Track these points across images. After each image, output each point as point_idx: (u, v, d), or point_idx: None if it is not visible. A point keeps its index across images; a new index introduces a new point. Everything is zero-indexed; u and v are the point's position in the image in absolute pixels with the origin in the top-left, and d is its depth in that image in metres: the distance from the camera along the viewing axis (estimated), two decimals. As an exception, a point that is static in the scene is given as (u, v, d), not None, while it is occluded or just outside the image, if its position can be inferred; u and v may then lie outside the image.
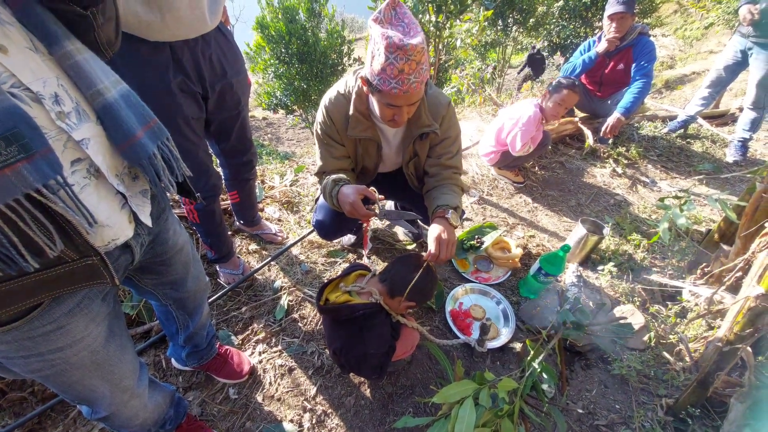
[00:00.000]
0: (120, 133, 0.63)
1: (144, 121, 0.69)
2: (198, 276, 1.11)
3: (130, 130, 0.64)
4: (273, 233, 2.12)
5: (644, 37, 2.78)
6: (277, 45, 5.65)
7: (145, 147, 0.67)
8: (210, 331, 1.36)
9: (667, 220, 1.43)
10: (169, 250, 0.92)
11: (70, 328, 0.69)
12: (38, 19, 0.54)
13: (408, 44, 1.03)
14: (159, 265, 0.93)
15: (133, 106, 0.67)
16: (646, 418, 1.38)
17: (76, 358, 0.73)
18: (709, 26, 7.28)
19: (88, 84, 0.60)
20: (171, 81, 1.18)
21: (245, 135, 1.61)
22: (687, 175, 3.01)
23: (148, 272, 0.93)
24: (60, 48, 0.56)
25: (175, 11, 1.08)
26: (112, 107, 0.62)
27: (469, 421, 1.04)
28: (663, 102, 5.00)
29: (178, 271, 1.00)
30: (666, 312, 1.71)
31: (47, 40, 0.55)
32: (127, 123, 0.64)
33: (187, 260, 1.02)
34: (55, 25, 0.56)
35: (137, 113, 0.68)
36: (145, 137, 0.67)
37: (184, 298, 1.09)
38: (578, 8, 5.71)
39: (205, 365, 1.42)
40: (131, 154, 0.65)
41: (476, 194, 2.64)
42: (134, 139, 0.65)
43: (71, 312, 0.68)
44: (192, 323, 1.20)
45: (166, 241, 0.90)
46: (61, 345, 0.69)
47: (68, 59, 0.57)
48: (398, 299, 1.23)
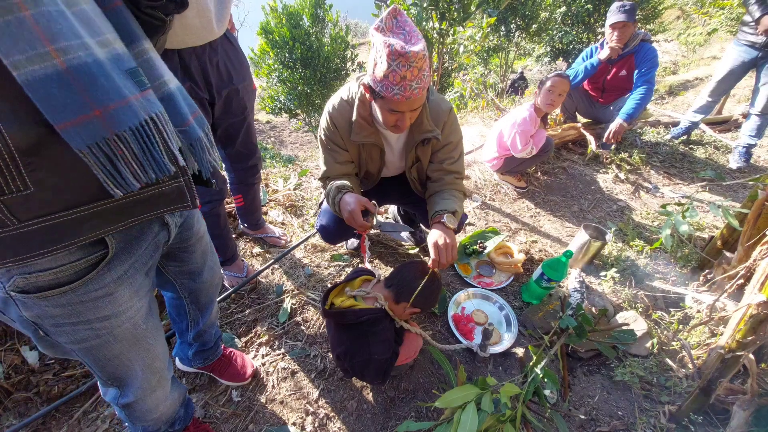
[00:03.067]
0: (179, 116, 0.72)
1: (192, 110, 0.77)
2: (213, 267, 1.15)
3: (185, 115, 0.73)
4: (277, 236, 2.14)
5: (646, 43, 2.79)
6: (281, 50, 5.70)
7: (196, 130, 0.75)
8: (217, 332, 1.38)
9: (669, 227, 1.44)
10: (192, 236, 0.98)
11: (117, 296, 0.75)
12: (125, 20, 0.64)
13: (410, 51, 1.05)
14: (183, 252, 0.99)
15: (185, 98, 0.76)
16: (649, 424, 1.38)
17: (119, 329, 0.78)
18: (712, 32, 7.30)
19: (158, 75, 0.69)
20: None
21: (251, 140, 1.63)
22: (690, 182, 3.01)
23: (173, 258, 0.99)
24: (139, 45, 0.66)
25: (184, 19, 1.11)
26: (174, 95, 0.71)
27: (471, 426, 1.04)
28: (666, 108, 5.01)
29: (197, 260, 1.05)
30: (669, 318, 1.71)
31: (129, 37, 0.64)
32: (183, 109, 0.73)
33: (206, 249, 1.08)
34: (136, 26, 0.66)
35: (188, 104, 0.77)
36: (194, 123, 0.76)
37: (198, 289, 1.13)
38: (581, 14, 5.74)
39: (210, 366, 1.43)
40: (187, 134, 0.74)
41: (479, 199, 2.65)
42: (188, 122, 0.74)
43: (120, 279, 0.74)
44: (202, 319, 1.23)
45: (192, 227, 0.96)
46: (108, 313, 0.74)
47: (144, 54, 0.66)
48: (403, 305, 1.24)
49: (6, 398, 1.38)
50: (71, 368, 1.48)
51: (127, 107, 0.54)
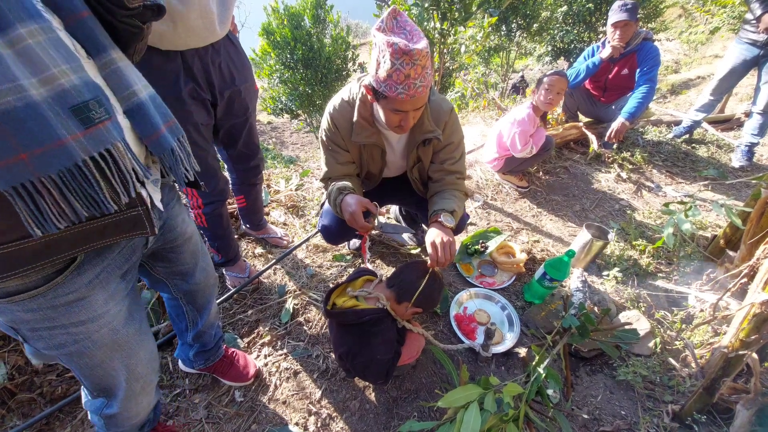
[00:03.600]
0: (149, 127, 0.72)
1: (166, 119, 0.78)
2: (206, 268, 1.15)
3: (156, 125, 0.73)
4: (278, 237, 2.15)
5: (648, 42, 2.78)
6: (282, 51, 5.71)
7: (168, 140, 0.76)
8: (217, 332, 1.38)
9: (671, 226, 1.43)
10: (178, 237, 0.98)
11: (90, 301, 0.74)
12: (90, 32, 0.64)
13: (413, 49, 1.05)
14: (169, 252, 0.99)
15: (158, 106, 0.77)
16: (652, 424, 1.38)
17: (97, 334, 0.78)
18: (714, 30, 7.26)
19: (127, 85, 0.69)
20: (182, 88, 1.21)
21: (253, 141, 1.64)
22: (692, 180, 3.00)
23: (160, 259, 1.00)
24: (106, 55, 0.66)
25: (187, 21, 1.11)
26: (144, 105, 0.71)
27: (474, 426, 1.04)
28: (668, 107, 5.00)
29: (187, 260, 1.05)
30: (671, 318, 1.70)
31: (96, 48, 0.65)
32: (154, 119, 0.73)
33: (196, 250, 1.08)
34: (103, 36, 0.67)
35: (161, 112, 0.77)
36: (167, 132, 0.76)
37: (193, 290, 1.13)
38: (582, 13, 5.72)
39: (212, 367, 1.43)
40: (157, 145, 0.74)
41: (480, 199, 2.65)
42: (159, 132, 0.74)
43: (91, 283, 0.74)
44: (201, 320, 1.23)
45: (175, 228, 0.96)
46: (83, 318, 0.74)
47: (112, 64, 0.67)
48: (405, 305, 1.25)
49: (10, 399, 1.38)
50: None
51: (59, 150, 0.54)
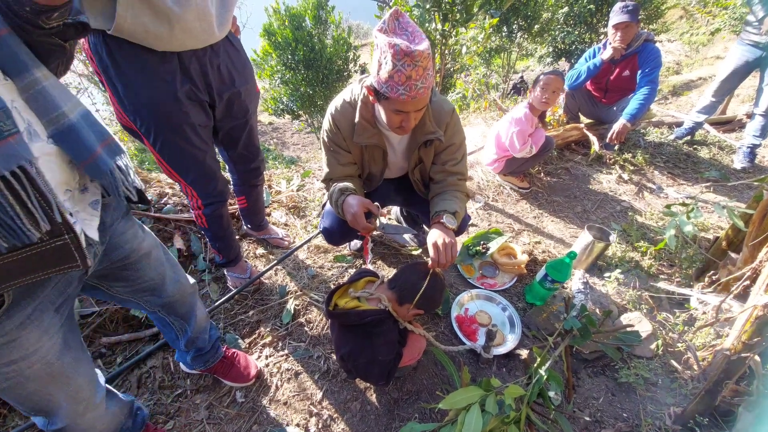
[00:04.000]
0: (82, 151, 0.68)
1: (102, 138, 0.73)
2: (179, 279, 1.11)
3: (91, 147, 0.69)
4: (280, 238, 2.14)
5: (650, 43, 2.78)
6: (283, 51, 5.71)
7: (106, 162, 0.71)
8: (213, 334, 1.36)
9: (673, 227, 1.43)
10: (129, 255, 0.92)
11: (22, 341, 0.71)
12: (10, 51, 0.59)
13: (415, 50, 1.05)
14: (123, 271, 0.93)
15: (92, 125, 0.72)
16: (654, 426, 1.38)
17: (30, 370, 0.75)
18: (715, 32, 7.25)
19: (54, 106, 0.64)
20: (178, 89, 1.20)
21: (253, 143, 1.64)
22: (694, 182, 2.99)
23: (114, 280, 0.94)
24: (29, 75, 0.61)
25: (183, 23, 1.10)
26: (75, 127, 0.67)
27: (475, 428, 1.04)
28: (669, 108, 4.99)
29: (151, 276, 1.00)
30: (674, 320, 1.70)
31: (16, 69, 0.60)
32: (88, 140, 0.69)
33: (158, 265, 1.02)
34: (26, 56, 0.62)
35: (96, 131, 0.72)
36: (104, 153, 0.72)
37: (170, 303, 1.09)
38: (583, 14, 5.71)
39: (212, 368, 1.43)
40: (93, 169, 0.69)
41: (481, 200, 2.65)
42: (95, 155, 0.69)
43: (22, 325, 0.70)
44: (189, 328, 1.21)
45: (121, 246, 0.90)
46: (14, 358, 0.71)
47: (36, 85, 0.62)
48: (407, 306, 1.24)
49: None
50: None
51: None
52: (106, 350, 1.58)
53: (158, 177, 2.39)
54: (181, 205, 2.17)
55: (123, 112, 1.20)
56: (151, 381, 1.48)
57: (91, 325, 1.59)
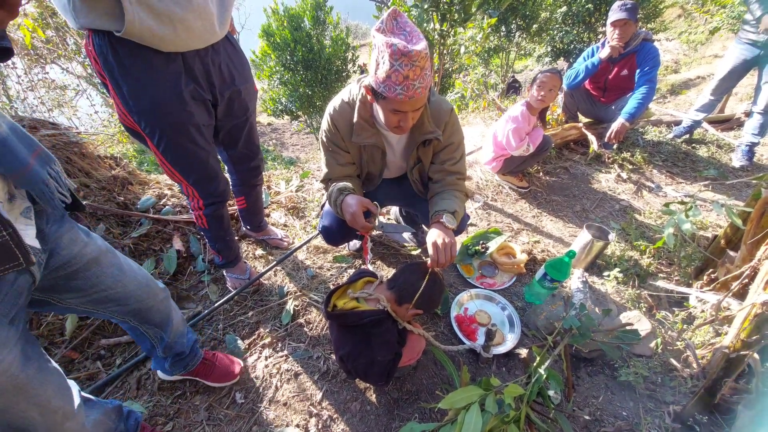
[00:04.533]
0: (14, 163, 0.67)
1: (32, 148, 0.72)
2: (146, 284, 1.06)
3: (23, 159, 0.68)
4: (279, 238, 2.15)
5: (648, 43, 2.79)
6: (282, 52, 5.72)
7: (38, 173, 0.71)
8: (190, 337, 1.34)
9: (672, 226, 1.43)
10: (71, 262, 0.87)
11: None
12: None
13: (412, 50, 1.05)
14: (70, 281, 0.88)
15: (21, 137, 0.71)
16: (653, 425, 1.38)
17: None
18: (713, 31, 7.27)
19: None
20: (183, 89, 1.21)
21: (253, 141, 1.64)
22: (692, 181, 3.00)
23: (63, 291, 0.89)
24: None
25: (186, 23, 1.11)
26: (6, 140, 0.66)
27: (475, 427, 1.04)
28: (668, 107, 5.00)
29: (107, 284, 0.95)
30: (673, 318, 1.70)
31: None
32: (20, 153, 0.68)
33: (113, 272, 0.96)
34: None
35: (26, 143, 0.71)
36: (36, 164, 0.71)
37: (140, 310, 1.05)
38: (581, 14, 5.73)
39: (193, 371, 1.41)
40: (25, 181, 0.69)
41: (481, 200, 2.65)
42: (28, 167, 0.69)
43: None
44: (165, 335, 1.18)
45: (58, 253, 0.85)
46: None
47: None
48: (406, 307, 1.24)
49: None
50: (75, 371, 1.49)
51: None
52: (105, 352, 1.58)
53: (157, 178, 2.39)
54: (180, 206, 2.17)
55: (128, 114, 1.21)
56: (151, 382, 1.48)
57: (90, 327, 1.58)
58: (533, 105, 2.35)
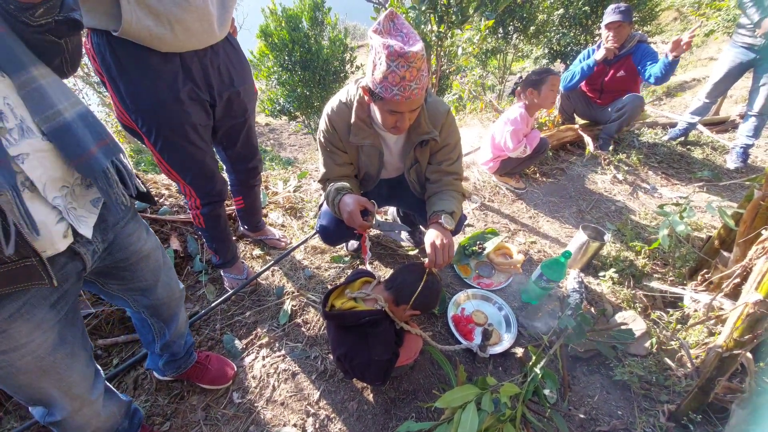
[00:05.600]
0: (75, 149, 0.69)
1: (99, 138, 0.74)
2: (169, 283, 1.12)
3: (85, 146, 0.70)
4: (276, 238, 2.15)
5: (643, 44, 2.81)
6: (280, 53, 5.72)
7: (99, 161, 0.72)
8: (188, 340, 1.36)
9: (666, 227, 1.45)
10: (131, 256, 0.94)
11: (11, 333, 0.72)
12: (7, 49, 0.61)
13: (409, 52, 1.06)
14: (122, 271, 0.95)
15: (89, 125, 0.73)
16: (648, 424, 1.39)
17: (21, 362, 0.76)
18: (709, 33, 7.33)
19: (50, 104, 0.66)
20: (180, 90, 1.21)
21: (251, 142, 1.64)
22: (688, 182, 3.02)
23: (112, 278, 0.96)
24: (26, 73, 0.63)
25: (185, 24, 1.12)
26: (70, 126, 0.68)
27: (471, 426, 1.05)
28: (663, 109, 5.03)
29: (146, 277, 1.02)
30: (667, 318, 1.72)
31: (13, 66, 0.62)
32: (82, 140, 0.70)
33: (156, 267, 1.04)
34: (23, 54, 0.63)
35: (93, 131, 0.73)
36: (99, 153, 0.73)
37: (156, 305, 1.10)
38: (578, 16, 5.76)
39: (185, 374, 1.42)
40: (85, 167, 0.70)
41: (478, 200, 2.66)
42: (89, 154, 0.70)
43: (11, 317, 0.71)
44: (168, 331, 1.21)
45: (127, 248, 0.93)
46: (4, 348, 0.73)
47: (33, 82, 0.64)
48: (403, 307, 1.25)
49: (7, 401, 1.38)
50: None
51: None
52: (102, 352, 1.57)
53: (154, 178, 2.39)
54: (178, 206, 2.17)
55: (125, 112, 1.21)
56: (148, 382, 1.48)
57: (87, 327, 1.58)
58: (543, 107, 2.36)
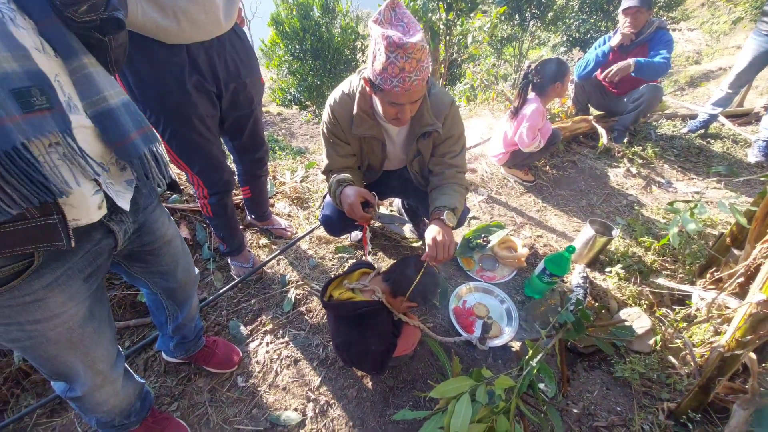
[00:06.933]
0: (117, 133, 0.73)
1: (139, 126, 0.78)
2: (188, 268, 1.17)
3: (126, 131, 0.74)
4: (283, 228, 2.18)
5: (662, 30, 2.70)
6: (291, 41, 5.71)
7: (137, 147, 0.77)
8: (198, 324, 1.41)
9: (676, 225, 1.41)
10: (156, 240, 0.99)
11: (47, 302, 0.75)
12: (62, 36, 0.66)
13: (408, 43, 1.05)
14: (147, 255, 1.01)
15: (131, 113, 0.77)
16: (647, 421, 1.38)
17: (52, 333, 0.79)
18: (736, 21, 6.98)
19: (97, 90, 0.71)
20: (187, 81, 1.23)
21: (258, 133, 1.66)
22: (705, 176, 2.92)
23: (137, 260, 1.01)
24: (77, 60, 0.68)
25: (190, 15, 1.13)
26: (113, 111, 0.72)
27: (464, 416, 1.06)
28: (685, 99, 4.85)
29: (167, 262, 1.07)
30: (673, 316, 1.69)
31: (67, 52, 0.67)
32: (124, 126, 0.74)
33: (176, 252, 1.10)
34: (75, 43, 0.69)
35: (134, 119, 0.77)
36: (138, 139, 0.77)
37: (173, 288, 1.15)
38: (599, 1, 5.56)
39: (193, 356, 1.47)
40: (124, 152, 0.75)
41: (485, 193, 2.64)
42: (128, 139, 0.75)
43: (50, 286, 0.74)
44: (181, 314, 1.26)
45: (154, 232, 0.98)
46: (38, 317, 0.75)
47: (83, 69, 0.69)
48: (400, 299, 1.27)
49: (24, 379, 1.46)
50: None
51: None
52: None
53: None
54: (187, 195, 2.22)
55: (133, 103, 1.25)
56: (157, 364, 1.54)
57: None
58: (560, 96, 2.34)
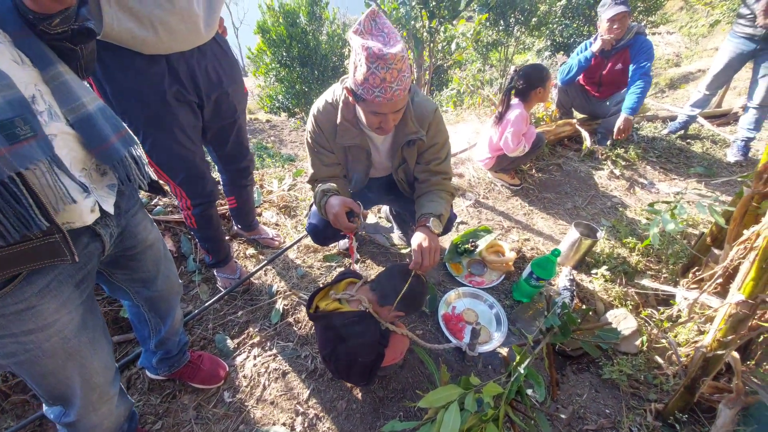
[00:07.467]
0: (97, 138, 0.74)
1: (117, 129, 0.80)
2: (169, 276, 1.15)
3: (106, 136, 0.76)
4: (270, 238, 2.16)
5: (641, 36, 2.76)
6: (278, 49, 5.71)
7: (118, 151, 0.78)
8: (182, 339, 1.39)
9: (656, 225, 1.43)
10: (138, 244, 0.99)
11: (40, 309, 0.74)
12: (37, 47, 0.69)
13: (388, 53, 1.05)
14: (129, 260, 1.00)
15: (108, 118, 0.79)
16: (635, 422, 1.39)
17: (47, 343, 0.77)
18: (714, 23, 7.18)
19: (75, 97, 0.73)
20: (166, 91, 1.21)
21: (241, 142, 1.65)
22: (686, 177, 2.99)
23: (119, 267, 1.00)
24: (53, 68, 0.71)
25: (168, 26, 1.12)
26: (92, 117, 0.74)
27: (454, 426, 1.06)
28: (665, 101, 4.96)
29: (149, 267, 1.06)
30: (658, 316, 1.71)
31: (42, 62, 0.69)
32: (103, 130, 0.76)
33: (158, 258, 1.08)
34: (50, 53, 0.71)
35: (111, 124, 0.79)
36: (118, 143, 0.78)
37: (155, 297, 1.13)
38: (581, 7, 5.66)
39: (177, 372, 1.43)
40: (105, 155, 0.76)
41: (472, 197, 2.65)
42: (109, 143, 0.76)
43: (41, 292, 0.73)
44: (164, 327, 1.24)
45: (136, 236, 0.97)
46: (32, 327, 0.74)
47: (60, 77, 0.71)
48: (388, 308, 1.26)
49: (4, 401, 1.41)
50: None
51: None
52: (96, 351, 1.60)
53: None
54: (171, 206, 2.18)
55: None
56: (141, 382, 1.50)
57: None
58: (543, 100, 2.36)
